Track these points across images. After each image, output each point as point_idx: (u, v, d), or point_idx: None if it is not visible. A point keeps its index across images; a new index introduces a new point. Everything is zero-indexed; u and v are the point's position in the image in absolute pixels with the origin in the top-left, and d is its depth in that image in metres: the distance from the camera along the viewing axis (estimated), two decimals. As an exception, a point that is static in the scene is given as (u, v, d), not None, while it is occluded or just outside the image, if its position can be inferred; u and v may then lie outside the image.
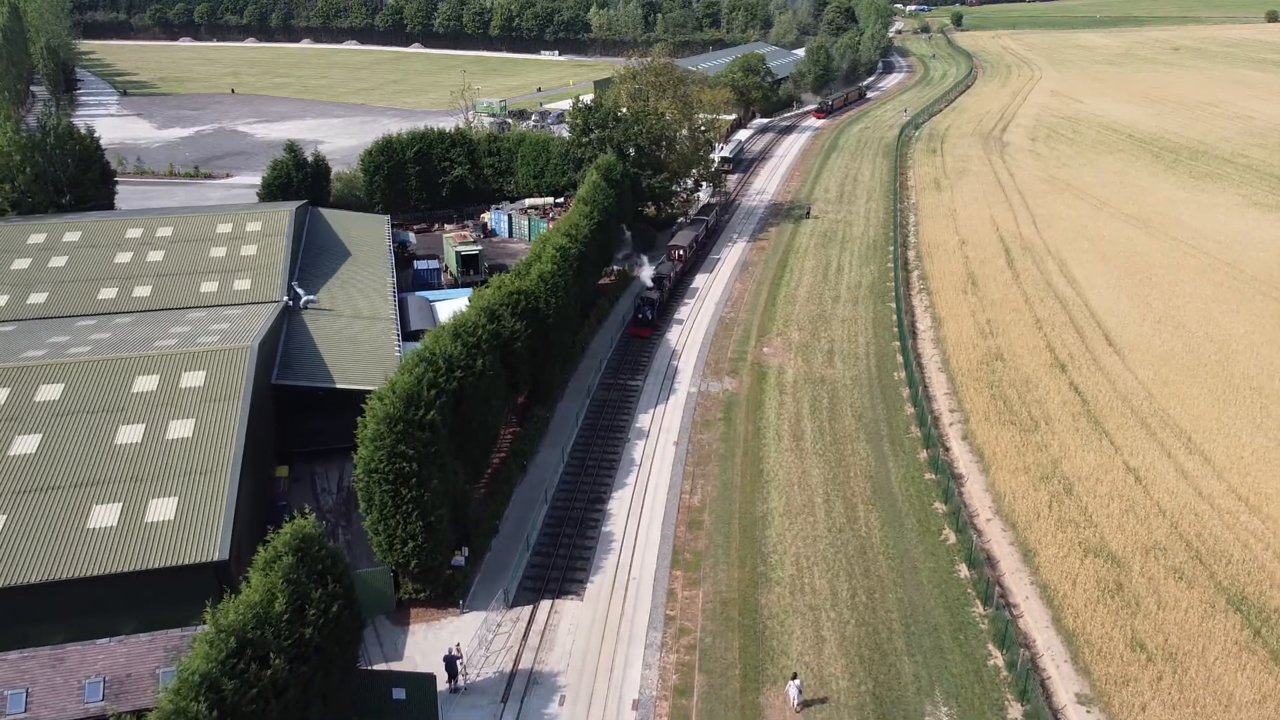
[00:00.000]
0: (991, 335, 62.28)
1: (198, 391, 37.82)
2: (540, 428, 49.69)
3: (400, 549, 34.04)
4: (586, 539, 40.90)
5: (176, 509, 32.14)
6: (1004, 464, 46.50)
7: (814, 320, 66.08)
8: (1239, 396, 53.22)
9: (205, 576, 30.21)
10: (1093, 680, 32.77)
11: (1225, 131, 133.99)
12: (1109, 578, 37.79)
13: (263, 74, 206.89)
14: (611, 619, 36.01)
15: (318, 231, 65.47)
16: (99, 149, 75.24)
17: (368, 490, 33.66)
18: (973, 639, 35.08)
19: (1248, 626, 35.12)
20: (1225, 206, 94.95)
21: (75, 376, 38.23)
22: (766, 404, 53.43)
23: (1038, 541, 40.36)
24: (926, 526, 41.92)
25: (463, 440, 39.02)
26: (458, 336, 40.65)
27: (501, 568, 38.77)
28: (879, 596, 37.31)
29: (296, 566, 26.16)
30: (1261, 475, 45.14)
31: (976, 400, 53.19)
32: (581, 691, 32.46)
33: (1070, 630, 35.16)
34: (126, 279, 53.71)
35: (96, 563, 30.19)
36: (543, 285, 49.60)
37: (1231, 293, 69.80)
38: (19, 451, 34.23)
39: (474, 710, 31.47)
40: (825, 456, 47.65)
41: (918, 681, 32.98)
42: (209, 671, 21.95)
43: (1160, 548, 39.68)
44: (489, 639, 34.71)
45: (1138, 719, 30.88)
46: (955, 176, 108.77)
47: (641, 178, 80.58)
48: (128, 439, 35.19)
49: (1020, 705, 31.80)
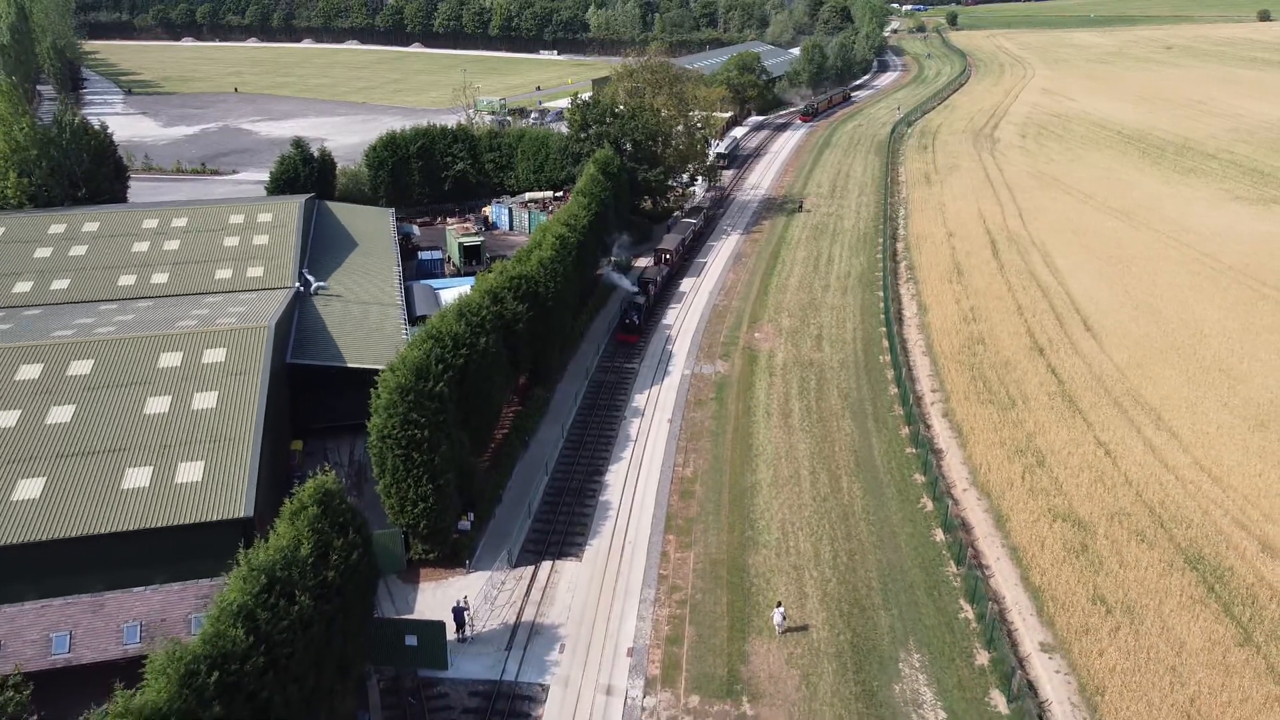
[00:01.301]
0: (974, 321, 64.77)
1: (219, 367, 40.27)
2: (541, 406, 52.14)
3: (411, 510, 36.49)
4: (585, 507, 43.38)
5: (204, 471, 34.61)
6: (981, 439, 49.00)
7: (804, 308, 68.56)
8: (1208, 377, 55.69)
9: (231, 532, 32.60)
10: (1055, 631, 35.23)
11: (1212, 128, 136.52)
12: (1075, 540, 40.27)
13: (265, 73, 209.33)
14: (608, 578, 38.47)
15: (325, 223, 67.94)
16: (112, 144, 77.81)
17: (381, 455, 36.11)
18: (945, 595, 37.54)
19: (1202, 583, 37.59)
20: (1207, 200, 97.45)
21: (104, 353, 40.68)
22: (757, 385, 55.90)
23: (1010, 509, 42.85)
24: (906, 496, 44.39)
25: (467, 413, 41.46)
26: (462, 316, 43.12)
27: (505, 532, 41.24)
28: (859, 558, 39.77)
29: (320, 517, 28.61)
30: (1225, 449, 47.62)
31: (957, 381, 55.68)
32: (580, 641, 34.93)
33: (1037, 587, 37.63)
34: (144, 266, 56.15)
35: (131, 519, 32.63)
36: (543, 271, 52.06)
37: (1208, 282, 72.27)
38: (55, 421, 36.68)
39: (480, 657, 33.92)
40: (812, 433, 50.12)
41: (893, 632, 35.44)
42: (245, 602, 24.39)
43: (1125, 513, 42.16)
44: (494, 595, 37.18)
45: (1095, 664, 33.32)
46: (945, 172, 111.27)
47: (638, 172, 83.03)
48: (156, 409, 37.64)
49: (987, 653, 34.24)
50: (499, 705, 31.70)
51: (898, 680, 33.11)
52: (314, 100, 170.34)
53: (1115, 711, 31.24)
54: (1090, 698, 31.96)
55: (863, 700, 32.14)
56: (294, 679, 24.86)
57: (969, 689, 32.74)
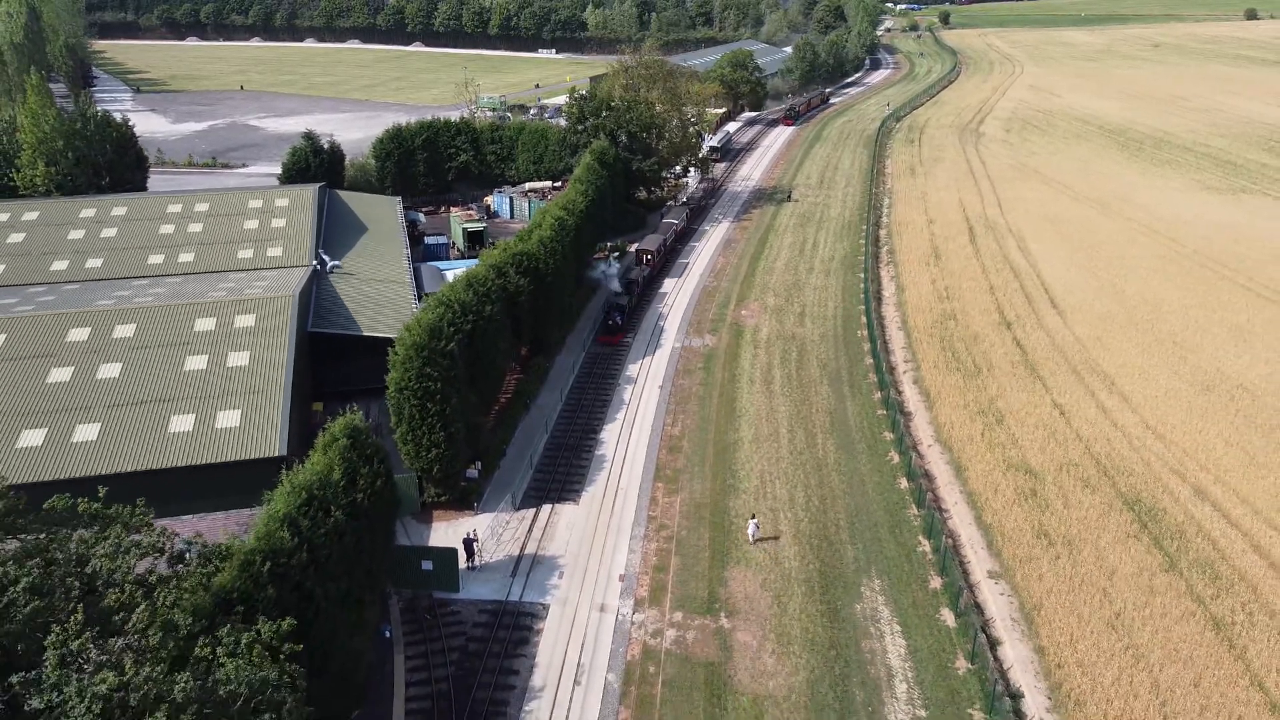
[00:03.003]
0: (948, 300, 68.96)
1: (250, 330, 44.42)
2: (541, 374, 56.32)
3: (425, 455, 40.65)
4: (581, 460, 47.56)
5: (241, 418, 38.79)
6: (947, 401, 53.18)
7: (789, 288, 72.76)
8: (1162, 349, 59.87)
9: (268, 469, 36.56)
10: (1002, 560, 39.41)
11: (1191, 123, 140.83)
12: (1026, 486, 44.45)
13: (269, 72, 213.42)
14: (603, 518, 42.66)
15: (337, 210, 72.02)
16: (133, 136, 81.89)
17: (399, 405, 40.27)
18: (906, 532, 41.71)
19: (1137, 521, 41.76)
20: (1179, 190, 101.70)
21: (145, 319, 44.83)
22: (742, 356, 60.08)
23: (969, 460, 47.03)
24: (875, 450, 48.57)
25: (474, 373, 45.60)
26: (470, 287, 47.28)
27: (509, 481, 45.40)
28: (830, 502, 43.95)
29: (350, 448, 32.76)
30: (1170, 410, 51.79)
31: (928, 352, 59.86)
32: (576, 569, 39.10)
33: (988, 525, 41.81)
34: (171, 247, 60.26)
35: (178, 457, 36.77)
36: (542, 249, 56.22)
37: (1172, 265, 76.45)
38: (105, 376, 40.83)
39: (488, 582, 38.09)
40: (791, 397, 54.30)
41: (857, 562, 39.60)
42: (289, 511, 28.52)
43: (1073, 464, 46.34)
44: (500, 532, 41.34)
45: (1034, 587, 37.49)
46: (930, 164, 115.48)
47: (633, 162, 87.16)
48: (195, 366, 41.81)
49: (940, 579, 38.40)
50: (505, 620, 35.86)
51: (859, 601, 37.28)
52: (318, 98, 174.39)
53: (1049, 623, 35.40)
54: (1028, 613, 36.13)
55: (827, 616, 36.30)
56: (330, 578, 28.96)
57: (922, 608, 36.91)
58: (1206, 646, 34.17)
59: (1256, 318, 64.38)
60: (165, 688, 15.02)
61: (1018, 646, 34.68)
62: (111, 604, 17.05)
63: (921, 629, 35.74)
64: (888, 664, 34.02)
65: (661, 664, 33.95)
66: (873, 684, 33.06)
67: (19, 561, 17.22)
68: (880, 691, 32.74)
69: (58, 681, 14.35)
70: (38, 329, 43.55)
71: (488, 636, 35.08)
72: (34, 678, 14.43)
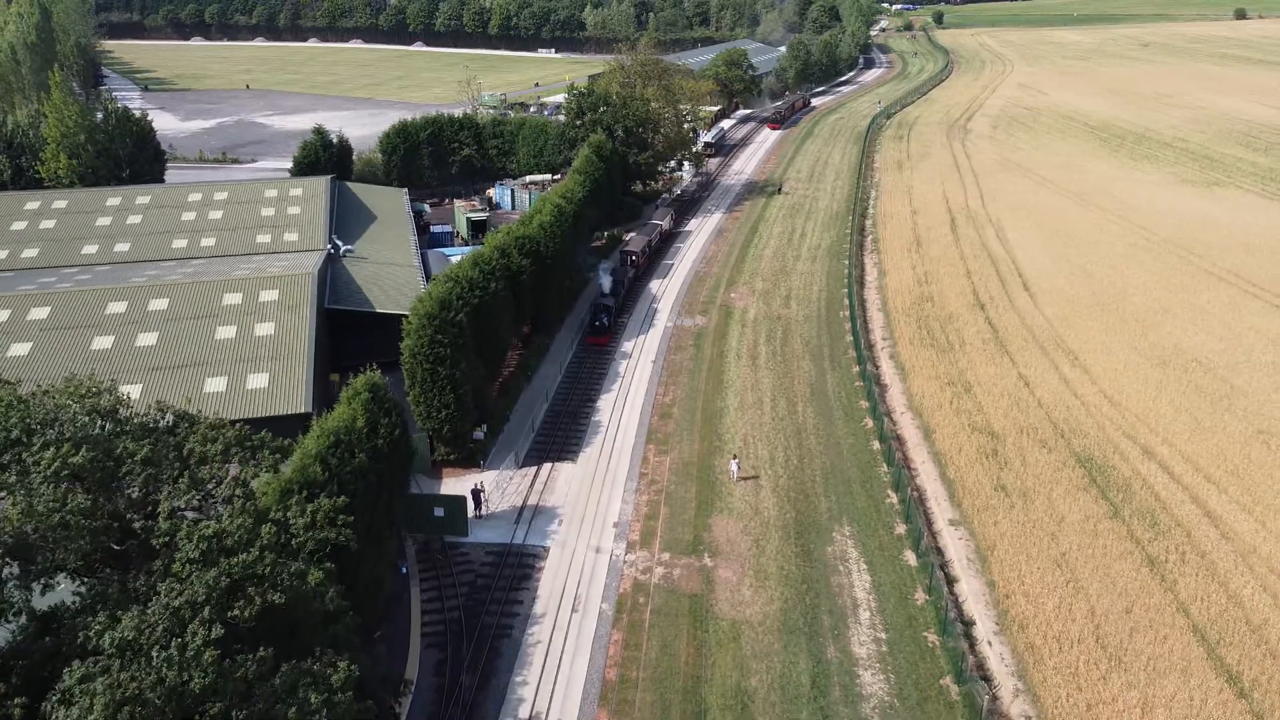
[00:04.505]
0: (927, 284, 72.84)
1: (274, 304, 48.27)
2: (541, 350, 60.20)
3: (436, 415, 44.51)
4: (579, 425, 51.43)
5: (269, 380, 42.66)
6: (920, 374, 57.05)
7: (776, 274, 76.64)
8: (1125, 327, 63.72)
9: (295, 424, 40.43)
10: (962, 510, 43.27)
11: (1173, 120, 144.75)
12: (988, 447, 48.32)
13: (273, 71, 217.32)
14: (598, 475, 46.53)
15: (347, 199, 75.88)
16: (152, 131, 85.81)
17: (412, 370, 44.13)
18: (875, 487, 45.56)
19: (1087, 476, 45.62)
20: (1156, 183, 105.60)
21: (177, 294, 48.69)
22: (730, 334, 63.96)
23: (937, 425, 50.90)
24: (851, 416, 52.43)
25: (480, 345, 49.45)
26: (476, 265, 51.12)
27: (512, 443, 49.26)
28: (807, 461, 47.80)
29: (370, 401, 36.59)
30: (1127, 381, 55.64)
31: (905, 330, 63.73)
32: (574, 517, 42.98)
33: (951, 480, 45.66)
34: (194, 232, 64.11)
35: (213, 414, 40.42)
36: (543, 232, 60.09)
37: (1142, 252, 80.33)
38: (143, 344, 44.66)
39: (495, 528, 41.96)
40: (775, 370, 58.16)
41: (830, 512, 43.45)
42: (320, 449, 32.35)
43: (1033, 428, 50.21)
44: (504, 486, 45.22)
45: (990, 531, 41.35)
46: (917, 159, 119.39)
47: (629, 155, 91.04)
48: (225, 335, 45.67)
49: (905, 526, 42.25)
50: (510, 560, 39.72)
51: (830, 544, 41.14)
52: (322, 96, 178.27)
53: (1001, 562, 39.25)
54: (983, 553, 40.00)
55: (800, 556, 40.15)
56: (354, 511, 32.74)
57: (887, 549, 40.77)
58: (1140, 581, 38.02)
59: (1216, 299, 68.26)
60: (253, 534, 18.84)
61: (972, 582, 38.54)
62: (205, 476, 20.94)
63: (886, 567, 39.59)
64: (854, 596, 37.87)
65: (650, 595, 37.82)
66: (839, 612, 36.91)
67: (136, 439, 21.09)
68: (846, 618, 36.58)
69: (170, 529, 18.27)
70: (79, 302, 47.41)
71: (494, 574, 38.95)
72: (151, 525, 18.28)
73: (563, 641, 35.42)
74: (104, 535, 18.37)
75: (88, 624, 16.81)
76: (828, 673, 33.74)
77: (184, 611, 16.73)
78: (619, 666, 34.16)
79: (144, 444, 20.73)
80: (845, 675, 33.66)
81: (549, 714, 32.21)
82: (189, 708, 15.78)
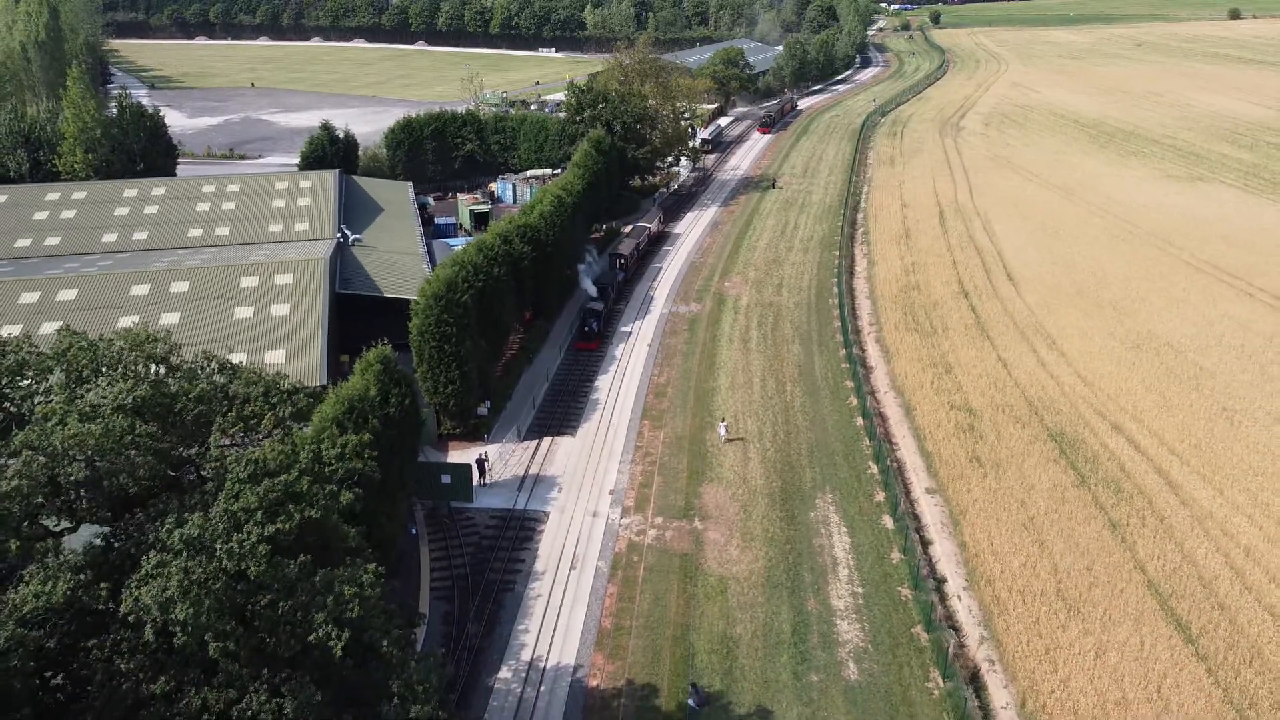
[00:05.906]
0: (914, 273, 75.50)
1: (289, 287, 50.93)
2: (542, 334, 62.89)
3: (443, 391, 47.20)
4: (578, 403, 54.12)
5: (285, 356, 45.31)
6: (904, 356, 59.72)
7: (769, 264, 79.33)
8: (1102, 314, 66.36)
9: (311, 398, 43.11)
10: (939, 480, 45.95)
11: (1162, 117, 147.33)
12: (965, 422, 50.99)
13: (278, 69, 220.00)
14: (596, 447, 49.22)
15: (354, 192, 78.50)
16: (164, 126, 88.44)
17: (420, 348, 46.81)
18: (858, 459, 48.23)
19: (1058, 449, 48.28)
20: (1142, 178, 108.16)
21: (197, 277, 51.36)
22: (723, 320, 66.63)
23: (919, 403, 53.57)
24: (837, 395, 55.10)
25: (484, 326, 52.15)
26: (480, 251, 53.78)
27: (514, 418, 51.96)
28: (794, 435, 50.47)
29: (382, 372, 39.25)
30: (1101, 363, 58.29)
31: (891, 316, 66.41)
32: (573, 485, 45.67)
33: (929, 453, 48.34)
34: (209, 222, 66.77)
35: (235, 387, 43.15)
36: (543, 221, 62.75)
37: (1124, 244, 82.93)
38: (166, 323, 47.26)
39: (498, 495, 44.65)
40: (765, 353, 60.84)
41: (814, 481, 46.13)
42: (338, 415, 35.01)
43: (1009, 405, 52.87)
44: (507, 458, 47.90)
45: (963, 498, 44.02)
46: (909, 155, 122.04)
47: (628, 151, 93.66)
48: (243, 315, 48.33)
49: (884, 493, 44.93)
50: (512, 523, 42.41)
51: (813, 510, 43.82)
52: (327, 94, 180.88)
53: (972, 526, 41.93)
54: (956, 518, 42.69)
55: (785, 520, 42.83)
56: (370, 471, 35.41)
57: (866, 515, 43.45)
58: (1102, 542, 40.70)
59: (1192, 288, 70.88)
60: (292, 459, 21.51)
61: (945, 543, 41.24)
62: (249, 413, 23.65)
63: (864, 530, 42.28)
64: (834, 555, 40.56)
65: (644, 554, 40.51)
66: (820, 569, 39.59)
67: (189, 378, 23.79)
68: (826, 575, 39.26)
69: (219, 456, 21.02)
70: (104, 285, 50.09)
71: (498, 535, 41.65)
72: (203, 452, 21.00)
73: (561, 595, 38.11)
74: (163, 462, 21.06)
75: (158, 527, 19.55)
76: (807, 622, 36.41)
77: (240, 515, 19.43)
78: (614, 616, 36.85)
79: (197, 384, 23.41)
80: (824, 624, 36.34)
81: (549, 658, 34.90)
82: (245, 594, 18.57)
